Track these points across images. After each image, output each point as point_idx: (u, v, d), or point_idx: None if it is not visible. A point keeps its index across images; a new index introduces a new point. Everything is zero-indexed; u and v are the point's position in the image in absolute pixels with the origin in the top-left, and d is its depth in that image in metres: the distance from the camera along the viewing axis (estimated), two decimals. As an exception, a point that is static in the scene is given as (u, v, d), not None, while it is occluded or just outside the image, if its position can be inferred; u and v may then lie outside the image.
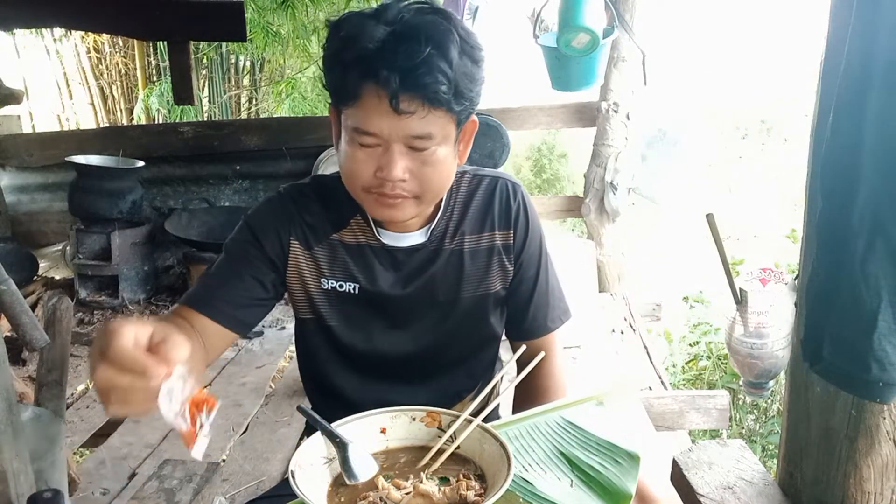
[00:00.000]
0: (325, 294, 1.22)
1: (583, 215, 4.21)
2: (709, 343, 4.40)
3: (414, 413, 1.03)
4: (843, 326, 0.95)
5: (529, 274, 1.28)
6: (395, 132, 1.04)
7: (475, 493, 0.91)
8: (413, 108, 1.02)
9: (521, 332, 1.31)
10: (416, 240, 1.22)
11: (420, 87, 1.00)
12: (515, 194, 1.26)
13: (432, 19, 1.02)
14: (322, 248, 1.21)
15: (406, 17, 1.02)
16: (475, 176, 1.27)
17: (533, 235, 1.27)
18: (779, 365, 1.80)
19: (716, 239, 1.76)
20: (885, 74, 0.85)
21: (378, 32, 1.00)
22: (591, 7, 2.68)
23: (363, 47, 1.01)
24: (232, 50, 6.51)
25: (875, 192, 0.88)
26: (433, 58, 0.99)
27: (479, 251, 1.25)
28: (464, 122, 1.11)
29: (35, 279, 4.03)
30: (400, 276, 1.22)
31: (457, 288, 1.24)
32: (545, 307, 1.30)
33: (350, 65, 1.02)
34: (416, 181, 1.08)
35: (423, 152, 1.06)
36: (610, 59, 3.75)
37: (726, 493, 1.19)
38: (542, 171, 9.26)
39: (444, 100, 1.02)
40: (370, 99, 1.02)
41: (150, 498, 1.31)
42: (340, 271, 1.22)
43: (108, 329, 0.78)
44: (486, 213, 1.25)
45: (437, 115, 1.04)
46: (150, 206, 4.34)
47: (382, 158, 1.06)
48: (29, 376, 2.72)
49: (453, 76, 1.01)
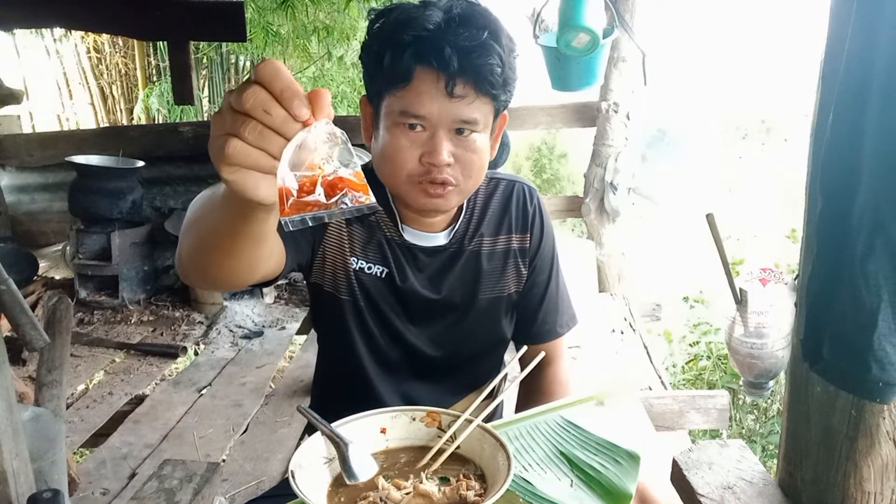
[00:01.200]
0: (353, 274, 1.21)
1: (583, 215, 4.21)
2: (709, 343, 4.40)
3: (414, 413, 1.03)
4: (843, 326, 0.95)
5: (541, 278, 1.30)
6: (445, 116, 1.05)
7: (475, 494, 0.91)
8: (465, 92, 1.04)
9: (530, 335, 1.31)
10: (439, 241, 1.23)
11: (476, 68, 1.03)
12: (532, 198, 1.28)
13: (482, 11, 1.06)
14: (361, 226, 1.21)
15: (458, 7, 1.05)
16: (492, 179, 1.29)
17: (547, 240, 1.29)
18: (779, 365, 1.80)
19: (716, 239, 1.76)
20: (885, 74, 0.85)
21: (435, 16, 1.03)
22: (591, 7, 2.68)
23: (422, 27, 1.02)
24: (232, 50, 6.52)
25: (875, 191, 0.88)
26: (489, 42, 1.03)
27: (495, 253, 1.26)
28: (500, 111, 1.14)
29: (35, 279, 4.04)
30: (424, 277, 1.23)
31: (474, 289, 1.25)
32: (555, 312, 1.31)
33: (405, 46, 1.03)
34: (459, 167, 1.09)
35: (467, 139, 1.08)
36: (610, 59, 3.75)
37: (726, 493, 1.19)
38: (542, 171, 9.26)
39: (495, 84, 1.05)
40: (423, 81, 1.03)
41: (150, 498, 1.31)
42: (372, 254, 1.21)
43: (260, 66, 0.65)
44: (503, 215, 1.27)
45: (483, 101, 1.06)
46: (150, 206, 4.34)
47: (428, 144, 1.06)
48: (29, 376, 2.72)
49: (506, 61, 1.05)
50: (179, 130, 4.52)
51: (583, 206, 4.16)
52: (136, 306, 3.90)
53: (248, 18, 4.47)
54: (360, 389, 1.26)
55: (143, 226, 4.01)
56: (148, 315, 3.83)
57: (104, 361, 3.29)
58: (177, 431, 2.61)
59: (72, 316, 1.81)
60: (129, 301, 3.90)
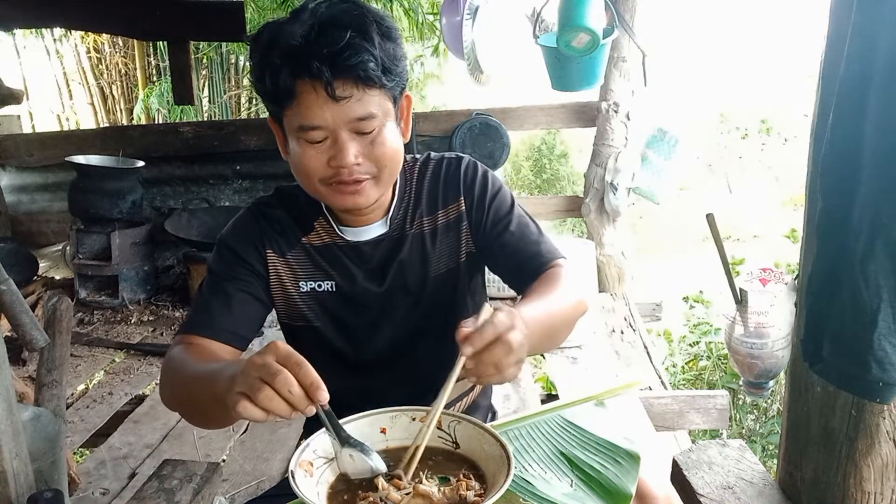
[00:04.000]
0: (306, 296, 1.26)
1: (583, 215, 4.20)
2: (709, 343, 4.40)
3: (414, 413, 1.03)
4: (843, 326, 0.95)
5: (503, 222, 1.26)
6: (339, 119, 1.06)
7: (475, 494, 0.91)
8: (349, 91, 1.05)
9: (528, 272, 1.24)
10: (378, 231, 1.24)
11: (350, 69, 1.04)
12: (459, 165, 1.28)
13: (345, 7, 1.07)
14: (295, 252, 1.25)
15: (320, 12, 1.06)
16: (425, 160, 1.30)
17: (490, 195, 1.27)
18: (779, 365, 1.80)
19: (716, 239, 1.76)
20: (885, 74, 0.85)
21: (298, 29, 1.04)
22: (591, 7, 2.68)
23: (287, 45, 1.04)
24: (232, 50, 6.52)
25: (875, 191, 0.88)
26: (356, 40, 1.04)
27: (437, 230, 1.27)
28: (399, 98, 1.14)
29: (35, 279, 4.03)
30: (370, 270, 1.25)
31: (424, 270, 1.27)
32: (537, 245, 1.26)
33: (280, 66, 1.05)
34: (369, 162, 1.11)
35: (370, 134, 1.09)
36: (610, 59, 3.74)
37: (726, 493, 1.19)
38: (542, 171, 9.26)
39: (375, 77, 1.06)
40: (307, 94, 1.05)
41: (150, 498, 1.31)
42: (315, 272, 1.25)
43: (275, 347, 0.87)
44: (435, 191, 1.28)
45: (373, 94, 1.07)
46: (150, 206, 4.34)
47: (333, 148, 1.09)
48: (29, 376, 2.71)
49: (379, 55, 1.06)
50: (179, 130, 4.51)
51: (583, 206, 4.16)
52: (136, 306, 3.89)
53: (248, 18, 4.46)
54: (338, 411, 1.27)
55: (143, 226, 4.01)
56: (148, 315, 3.82)
57: (104, 361, 3.29)
58: (177, 431, 2.61)
59: (72, 316, 1.80)
60: (129, 301, 3.90)
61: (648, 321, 3.99)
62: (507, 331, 0.90)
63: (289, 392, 0.82)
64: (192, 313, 1.23)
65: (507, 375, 0.92)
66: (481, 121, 4.15)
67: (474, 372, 0.92)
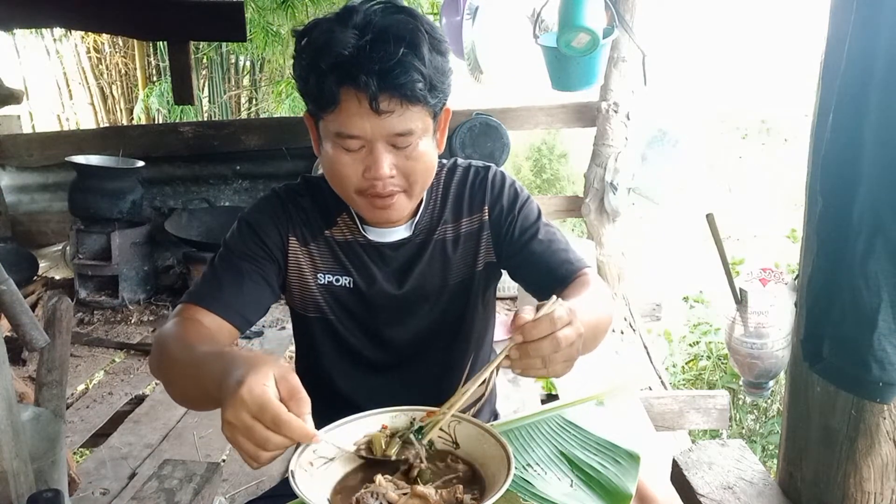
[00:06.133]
0: (323, 288, 1.25)
1: (583, 215, 4.20)
2: (709, 343, 4.40)
3: (414, 413, 1.03)
4: (843, 326, 0.95)
5: (532, 230, 1.25)
6: (378, 132, 1.06)
7: (472, 497, 0.90)
8: (392, 107, 1.04)
9: (558, 278, 1.22)
10: (402, 234, 1.24)
11: (397, 87, 1.03)
12: (486, 175, 1.28)
13: (400, 18, 1.05)
14: (317, 243, 1.24)
15: (375, 20, 1.04)
16: (452, 167, 1.30)
17: (518, 205, 1.27)
18: (779, 365, 1.80)
19: (716, 239, 1.77)
20: (885, 74, 0.85)
21: (350, 38, 1.03)
22: (591, 7, 2.68)
23: (338, 54, 1.03)
24: (232, 50, 6.51)
25: (875, 191, 0.88)
26: (407, 57, 1.03)
27: (459, 237, 1.27)
28: (439, 113, 1.14)
29: (35, 279, 4.03)
30: (390, 272, 1.25)
31: (443, 277, 1.26)
32: (566, 252, 1.25)
33: (327, 72, 1.04)
34: (402, 176, 1.11)
35: (406, 148, 1.09)
36: (610, 59, 3.75)
37: (726, 493, 1.19)
38: (542, 171, 9.26)
39: (420, 96, 1.05)
40: (350, 103, 1.04)
41: (150, 498, 1.31)
42: (335, 266, 1.24)
43: (252, 367, 0.82)
44: (461, 199, 1.27)
45: (415, 110, 1.07)
46: (150, 206, 4.34)
47: (368, 159, 1.08)
48: (29, 376, 2.71)
49: (427, 72, 1.04)
50: (179, 130, 4.51)
51: (583, 206, 4.16)
52: (136, 306, 3.89)
53: (248, 18, 4.46)
54: (332, 399, 1.26)
55: (143, 226, 4.00)
56: (148, 315, 3.82)
57: (104, 361, 3.29)
58: (177, 431, 2.61)
59: (72, 316, 1.80)
60: (129, 301, 3.90)
61: (648, 321, 4.00)
62: (563, 327, 0.89)
63: (266, 447, 0.81)
64: (200, 284, 1.20)
65: (553, 371, 0.91)
66: (481, 121, 4.15)
67: (519, 364, 0.91)
